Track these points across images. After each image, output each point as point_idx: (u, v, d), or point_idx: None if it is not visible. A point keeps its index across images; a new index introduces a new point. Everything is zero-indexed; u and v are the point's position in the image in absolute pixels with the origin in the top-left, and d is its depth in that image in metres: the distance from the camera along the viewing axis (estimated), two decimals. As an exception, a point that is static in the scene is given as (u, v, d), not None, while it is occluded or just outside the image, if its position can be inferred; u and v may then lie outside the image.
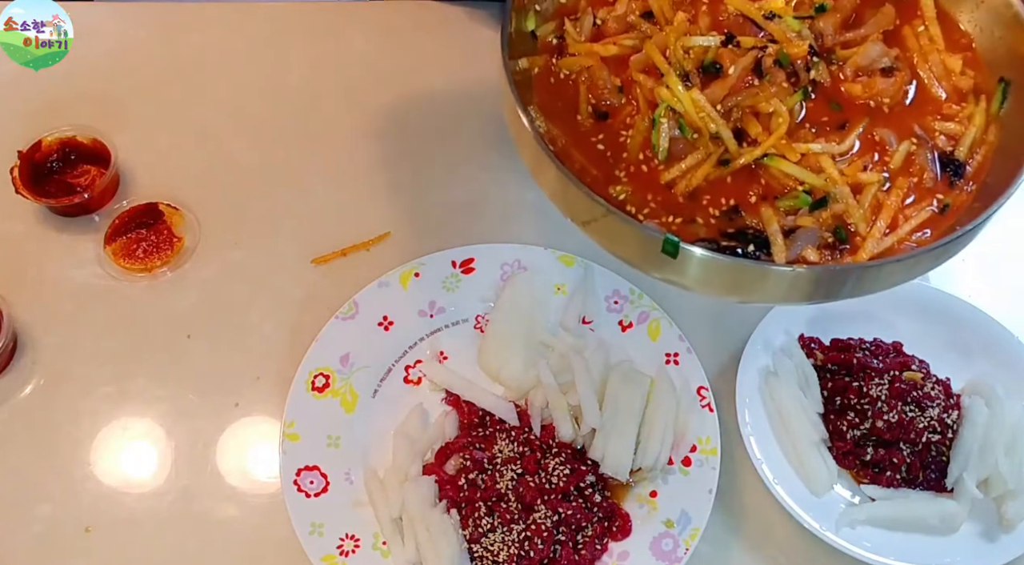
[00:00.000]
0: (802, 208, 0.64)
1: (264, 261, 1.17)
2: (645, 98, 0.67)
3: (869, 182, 0.65)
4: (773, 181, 0.65)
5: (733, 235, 0.64)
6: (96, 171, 1.20)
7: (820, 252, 0.65)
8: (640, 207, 0.66)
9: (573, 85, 0.69)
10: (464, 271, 1.13)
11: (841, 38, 0.71)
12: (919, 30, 0.72)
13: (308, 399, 1.04)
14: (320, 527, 0.97)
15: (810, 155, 0.65)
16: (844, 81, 0.69)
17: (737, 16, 0.70)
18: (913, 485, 1.01)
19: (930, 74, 0.71)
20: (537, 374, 1.05)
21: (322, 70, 1.32)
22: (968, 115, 0.70)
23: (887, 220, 0.65)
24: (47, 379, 1.09)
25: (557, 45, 0.71)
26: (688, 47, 0.67)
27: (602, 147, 0.67)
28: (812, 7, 0.70)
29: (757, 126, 0.66)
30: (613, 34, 0.71)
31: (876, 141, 0.68)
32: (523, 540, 0.95)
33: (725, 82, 0.65)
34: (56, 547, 1.00)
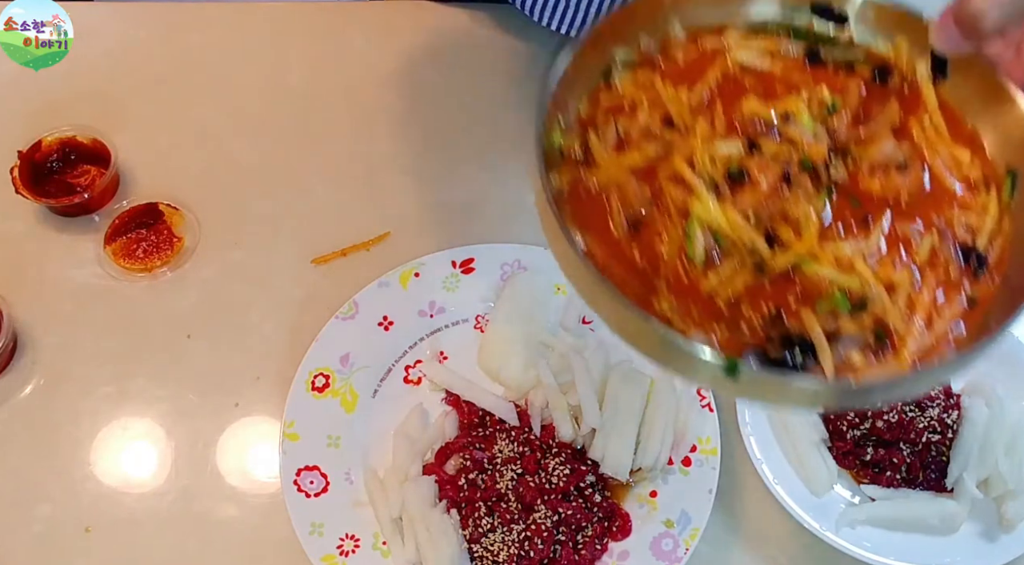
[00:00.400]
0: (843, 313, 0.66)
1: (264, 261, 1.17)
2: (676, 207, 0.68)
3: (901, 281, 0.67)
4: (809, 283, 0.66)
5: (779, 341, 0.65)
6: (96, 171, 1.20)
7: (864, 354, 0.66)
8: (684, 317, 0.66)
9: (603, 196, 0.70)
10: (464, 271, 1.13)
11: (854, 135, 0.72)
12: (924, 122, 0.74)
13: (308, 399, 1.04)
14: (320, 527, 0.97)
15: (842, 256, 0.67)
16: (862, 177, 0.70)
17: (752, 120, 0.72)
18: (913, 485, 1.01)
19: (940, 166, 0.72)
20: (537, 374, 1.05)
21: (322, 70, 1.32)
22: (983, 205, 0.72)
23: (923, 317, 0.67)
24: (47, 379, 1.09)
25: (583, 157, 0.71)
26: (714, 155, 0.68)
27: (639, 257, 0.68)
28: (823, 106, 0.72)
29: (788, 231, 0.67)
30: (636, 143, 0.72)
31: (900, 236, 0.69)
32: (523, 540, 0.95)
33: (756, 193, 0.67)
34: (56, 547, 1.00)
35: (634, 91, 0.74)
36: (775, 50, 0.76)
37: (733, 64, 0.74)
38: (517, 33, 1.33)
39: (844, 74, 0.76)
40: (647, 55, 0.76)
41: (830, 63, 0.77)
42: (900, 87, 0.76)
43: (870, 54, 0.77)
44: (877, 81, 0.76)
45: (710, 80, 0.74)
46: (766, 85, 0.74)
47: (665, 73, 0.75)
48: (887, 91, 0.76)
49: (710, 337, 0.66)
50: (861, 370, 0.65)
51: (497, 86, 1.29)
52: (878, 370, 0.65)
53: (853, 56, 0.77)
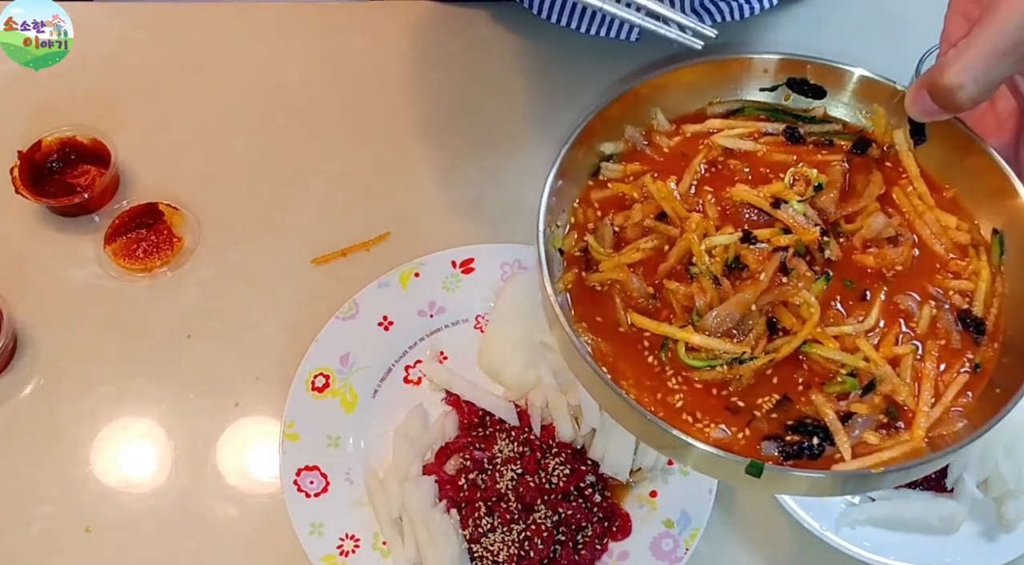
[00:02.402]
0: (852, 394, 0.67)
1: (264, 261, 1.17)
2: (680, 304, 0.69)
3: (904, 354, 0.68)
4: (816, 366, 0.68)
5: (793, 427, 0.66)
6: (96, 171, 1.20)
7: (878, 433, 0.66)
8: (695, 411, 0.67)
9: (606, 295, 0.71)
10: (464, 271, 1.13)
11: (843, 212, 0.73)
12: (908, 190, 0.75)
13: (308, 399, 1.04)
14: (320, 527, 0.97)
15: (844, 337, 0.68)
16: (855, 253, 0.71)
17: (742, 205, 0.72)
18: (913, 485, 1.01)
19: (929, 233, 0.73)
20: (537, 374, 1.05)
21: (322, 70, 1.32)
22: (975, 270, 0.72)
23: (930, 390, 0.67)
24: (47, 379, 1.09)
25: (583, 257, 0.73)
26: (711, 248, 0.69)
27: (647, 354, 0.69)
28: (809, 186, 0.73)
29: (790, 317, 0.68)
30: (633, 239, 0.73)
31: (900, 309, 0.70)
32: (523, 540, 0.95)
33: (757, 286, 0.68)
34: (56, 547, 1.00)
35: (626, 187, 0.75)
36: (756, 131, 0.78)
37: (716, 148, 0.76)
38: (518, 32, 1.33)
39: (825, 149, 0.77)
40: (633, 146, 0.77)
41: (809, 139, 0.78)
42: (880, 157, 0.77)
43: (847, 126, 0.78)
44: (857, 153, 0.77)
45: (696, 167, 0.75)
46: (751, 166, 0.76)
47: (652, 163, 0.76)
48: (868, 161, 0.77)
49: (728, 430, 0.66)
50: (877, 449, 0.65)
51: (497, 86, 1.29)
52: (895, 447, 0.65)
53: (831, 129, 0.78)
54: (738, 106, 0.79)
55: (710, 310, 0.68)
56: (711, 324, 0.68)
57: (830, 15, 1.30)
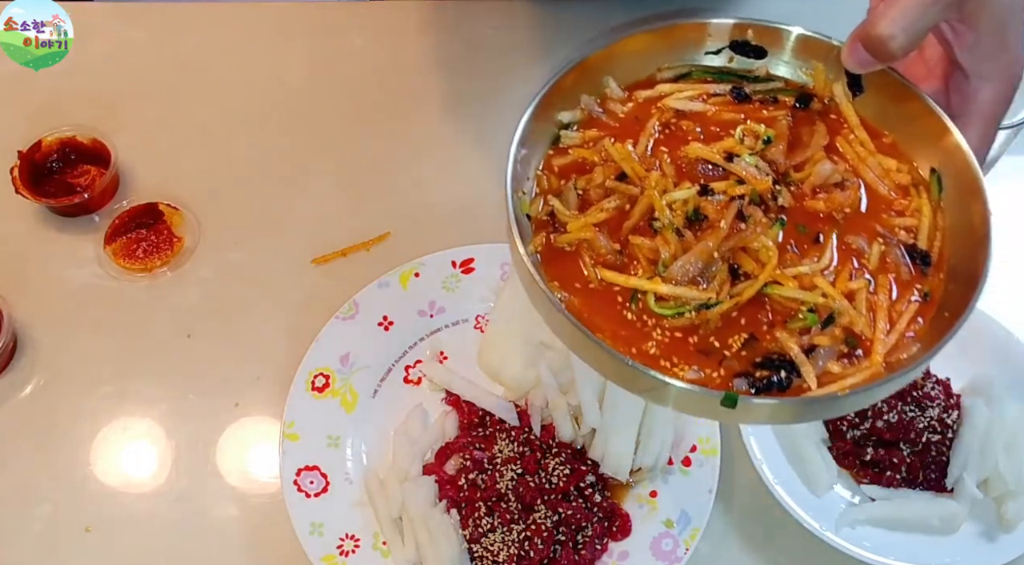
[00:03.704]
0: (814, 328, 0.71)
1: (264, 261, 1.17)
2: (645, 257, 0.73)
3: (858, 288, 0.73)
4: (777, 306, 0.72)
5: (761, 364, 0.70)
6: (96, 171, 1.20)
7: (840, 362, 0.71)
8: (670, 356, 0.71)
9: (575, 255, 0.75)
10: (464, 271, 1.13)
11: (792, 162, 0.78)
12: (850, 138, 0.80)
13: (308, 399, 1.04)
14: (320, 527, 0.97)
15: (802, 276, 0.72)
16: (805, 199, 0.76)
17: (696, 161, 0.77)
18: (913, 485, 1.01)
19: (872, 177, 0.78)
20: (537, 374, 1.05)
21: (322, 70, 1.32)
22: (917, 207, 0.78)
23: (884, 319, 0.72)
24: (47, 379, 1.09)
25: (549, 221, 0.77)
26: (671, 203, 0.74)
27: (619, 307, 0.73)
28: (758, 140, 0.78)
29: (750, 262, 0.72)
30: (596, 201, 0.77)
31: (852, 248, 0.75)
32: (523, 540, 0.95)
33: (717, 234, 0.72)
34: (56, 547, 1.00)
35: (586, 152, 0.79)
36: (704, 93, 0.82)
37: (668, 111, 0.80)
38: (517, 32, 1.33)
39: (770, 106, 0.81)
40: (589, 114, 0.81)
41: (755, 98, 0.82)
42: (822, 109, 0.81)
43: (789, 83, 0.83)
44: (800, 107, 0.81)
45: (651, 130, 0.79)
46: (703, 126, 0.80)
47: (609, 128, 0.80)
48: (811, 114, 0.81)
49: (702, 372, 0.70)
50: (840, 377, 0.69)
51: (497, 85, 1.29)
52: (857, 374, 0.69)
53: (775, 87, 0.82)
54: (686, 70, 0.83)
55: (675, 261, 0.72)
56: (677, 273, 0.72)
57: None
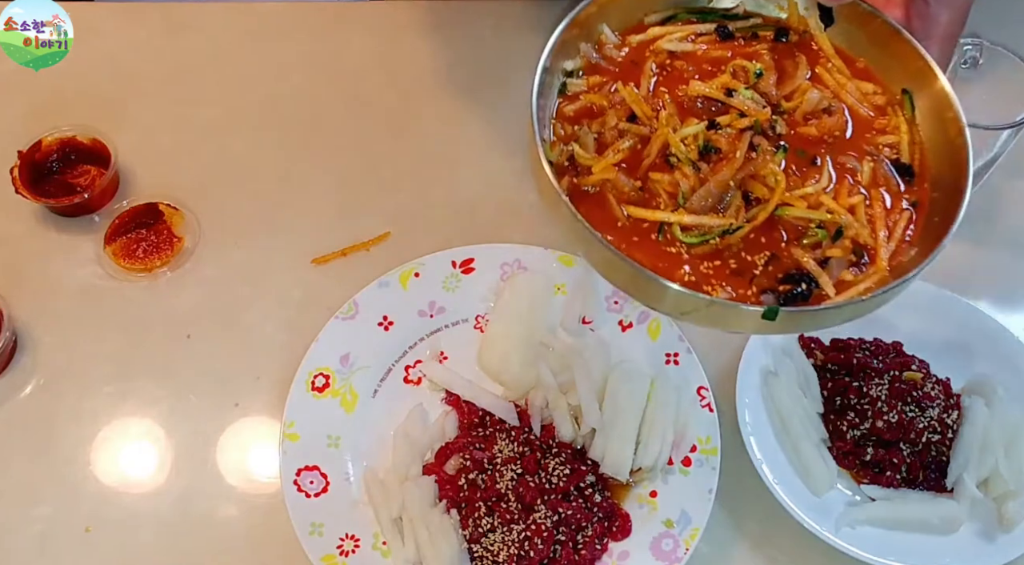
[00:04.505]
0: (824, 242, 0.77)
1: (264, 261, 1.17)
2: (666, 191, 0.78)
3: (857, 203, 0.80)
4: (788, 225, 0.78)
5: (783, 279, 0.76)
6: (96, 171, 1.20)
7: (851, 271, 0.77)
8: (702, 280, 0.77)
9: (599, 196, 0.79)
10: (464, 271, 1.13)
11: (782, 93, 0.84)
12: (828, 67, 0.87)
13: (308, 399, 1.04)
14: (320, 527, 0.97)
15: (808, 196, 0.79)
16: (798, 126, 0.83)
17: (695, 98, 0.83)
18: (913, 485, 1.01)
19: (853, 101, 0.85)
20: (537, 374, 1.05)
21: (322, 70, 1.32)
22: (895, 125, 0.84)
23: (883, 228, 0.79)
24: (47, 379, 1.09)
25: (570, 166, 0.81)
26: (683, 138, 0.79)
27: (652, 240, 0.78)
28: (751, 74, 0.84)
29: (760, 188, 0.78)
30: (610, 142, 0.81)
31: (846, 168, 0.82)
32: (523, 540, 0.95)
33: (732, 164, 0.78)
34: (56, 547, 1.00)
35: (594, 97, 0.83)
36: (691, 33, 0.87)
37: (662, 53, 0.85)
38: (517, 32, 1.33)
39: (752, 42, 0.87)
40: (588, 61, 0.86)
41: (738, 35, 0.87)
42: (799, 42, 0.87)
43: (766, 19, 0.89)
44: (779, 41, 0.87)
45: (649, 71, 0.84)
46: (695, 65, 0.85)
47: (609, 73, 0.85)
48: (789, 47, 0.87)
49: (734, 291, 0.76)
50: (854, 283, 0.76)
51: (497, 85, 1.29)
52: (867, 279, 0.76)
53: (754, 24, 0.88)
54: (671, 14, 0.88)
55: (693, 192, 0.77)
56: (697, 204, 0.77)
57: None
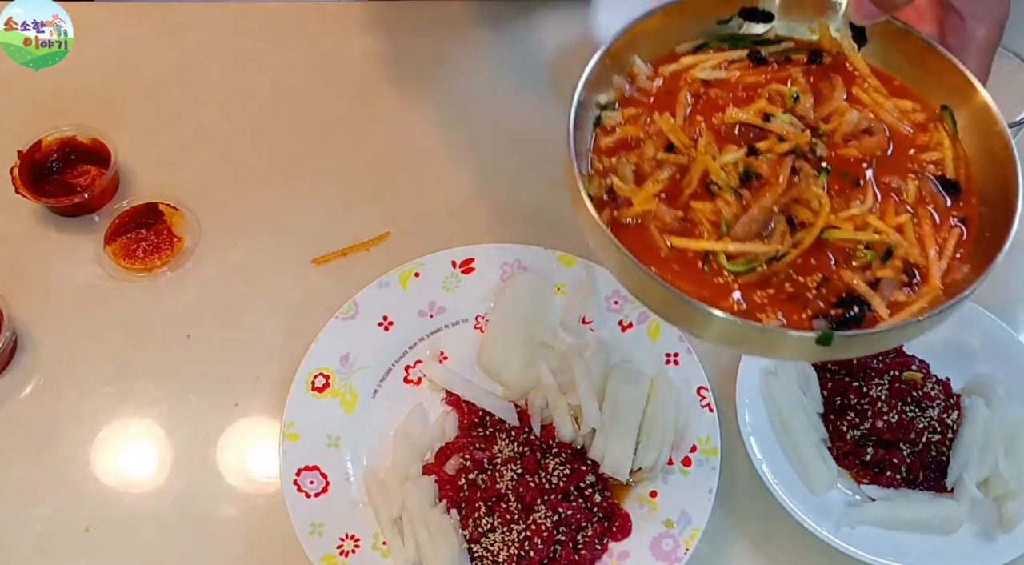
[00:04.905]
0: (874, 263, 0.76)
1: (264, 261, 1.17)
2: (708, 220, 0.77)
3: (904, 222, 0.78)
4: (837, 249, 0.77)
5: (836, 303, 0.75)
6: (96, 171, 1.20)
7: (903, 291, 0.76)
8: (754, 305, 0.75)
9: (641, 228, 0.78)
10: (464, 271, 1.13)
11: (820, 115, 0.83)
12: (864, 87, 0.85)
13: (308, 399, 1.04)
14: (320, 527, 0.97)
15: (854, 218, 0.77)
16: (838, 148, 0.81)
17: (732, 126, 0.82)
18: (913, 485, 1.01)
19: (893, 119, 0.84)
20: (537, 374, 1.05)
21: (322, 70, 1.32)
22: (938, 141, 0.83)
23: (933, 246, 0.78)
24: (47, 379, 1.09)
25: (610, 199, 0.80)
26: (723, 165, 0.78)
27: (698, 270, 0.77)
28: (787, 98, 0.82)
29: (805, 211, 0.77)
30: (649, 174, 0.80)
31: (890, 187, 0.80)
32: (523, 540, 0.95)
33: (775, 189, 0.77)
34: (56, 547, 1.00)
35: (631, 128, 0.82)
36: (724, 60, 0.86)
37: (695, 82, 0.84)
38: (517, 32, 1.33)
39: (786, 65, 0.86)
40: (622, 93, 0.85)
41: (771, 59, 0.86)
42: (833, 63, 0.86)
43: (798, 42, 0.87)
44: (813, 63, 0.86)
45: (684, 101, 0.83)
46: (730, 92, 0.84)
47: (644, 105, 0.84)
48: (824, 69, 0.86)
49: (787, 318, 0.74)
50: (907, 304, 0.75)
51: (497, 85, 1.29)
52: (921, 299, 0.75)
53: (786, 47, 0.87)
54: (702, 42, 0.87)
55: (736, 220, 0.76)
56: (741, 231, 0.76)
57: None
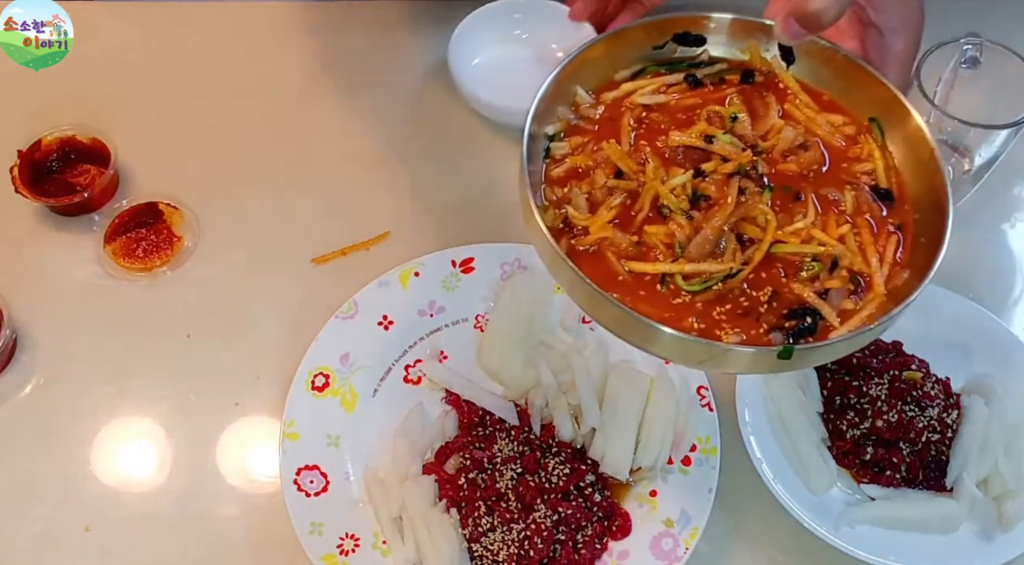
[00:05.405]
0: (822, 274, 0.79)
1: (264, 261, 1.17)
2: (662, 242, 0.80)
3: (846, 232, 0.82)
4: (786, 262, 0.80)
5: (788, 315, 0.78)
6: (96, 170, 1.20)
7: (851, 299, 0.79)
8: (712, 323, 0.78)
9: (597, 255, 0.81)
10: (464, 271, 1.13)
11: (757, 134, 0.86)
12: (796, 103, 0.89)
13: (308, 399, 1.05)
14: (320, 527, 0.97)
15: (799, 231, 0.81)
16: (777, 164, 0.84)
17: (676, 149, 0.85)
18: (913, 485, 1.01)
19: (824, 133, 0.87)
20: (537, 374, 1.05)
21: (322, 70, 1.32)
22: (869, 152, 0.87)
23: (874, 254, 0.81)
24: (47, 378, 1.09)
25: (565, 227, 0.82)
26: (672, 189, 0.81)
27: (655, 292, 0.79)
28: (726, 119, 0.86)
29: (753, 228, 0.80)
30: (601, 201, 0.83)
31: (829, 199, 0.84)
32: (523, 539, 0.95)
33: (725, 209, 0.80)
34: (56, 547, 1.00)
35: (579, 158, 0.85)
36: (662, 85, 0.89)
37: (636, 107, 0.87)
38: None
39: (721, 86, 0.89)
40: (568, 122, 0.88)
41: (706, 81, 0.89)
42: (764, 82, 0.90)
43: (730, 63, 0.91)
44: (746, 82, 0.89)
45: (627, 126, 0.86)
46: (669, 115, 0.87)
47: (589, 133, 0.87)
48: (756, 88, 0.89)
49: (745, 333, 0.77)
50: (856, 312, 0.78)
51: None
52: (867, 306, 0.78)
53: (720, 69, 0.90)
54: (639, 68, 0.90)
55: (689, 241, 0.78)
56: (695, 252, 0.78)
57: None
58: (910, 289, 0.77)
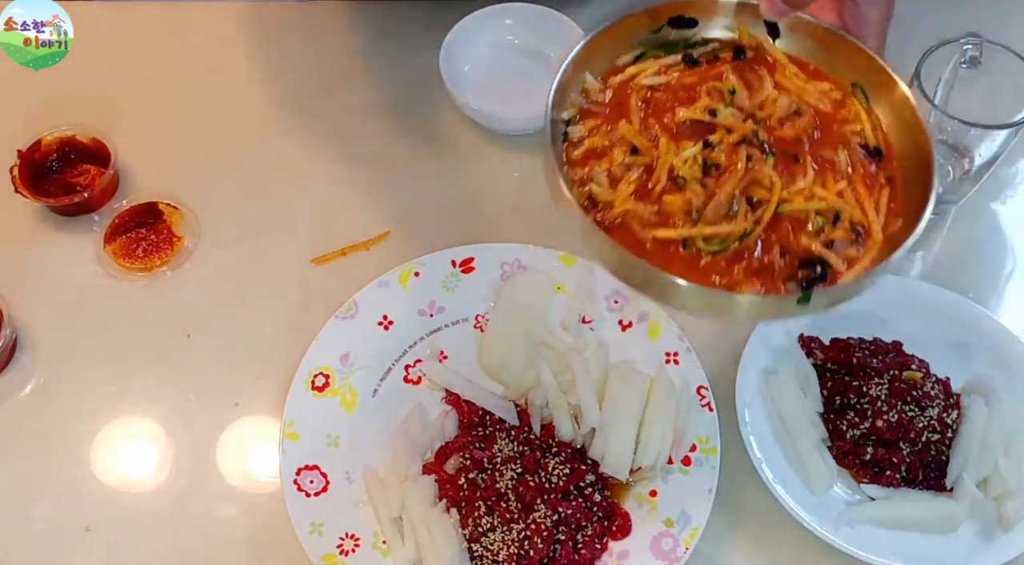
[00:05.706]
0: (826, 227, 0.85)
1: (264, 261, 1.17)
2: (680, 210, 0.85)
3: (843, 188, 0.87)
4: (793, 219, 0.85)
5: (800, 266, 0.83)
6: (96, 170, 1.20)
7: (854, 247, 0.85)
8: (735, 281, 0.83)
9: (621, 226, 0.86)
10: (464, 271, 1.13)
11: (755, 104, 0.91)
12: (785, 74, 0.94)
13: (308, 399, 1.05)
14: (320, 527, 0.97)
15: (803, 191, 0.86)
16: (775, 131, 0.89)
17: (682, 124, 0.90)
18: (913, 485, 1.01)
19: (814, 100, 0.92)
20: (537, 374, 1.05)
21: (322, 70, 1.32)
22: (855, 114, 0.92)
23: (870, 205, 0.87)
24: (47, 378, 1.09)
25: (590, 203, 0.87)
26: (684, 160, 0.86)
27: (679, 256, 0.85)
28: (725, 93, 0.91)
29: (761, 191, 0.85)
30: (620, 177, 0.88)
31: (825, 159, 0.89)
32: (523, 539, 0.95)
33: (735, 175, 0.85)
34: (56, 547, 1.00)
35: (595, 139, 0.90)
36: (662, 66, 0.93)
37: (641, 89, 0.91)
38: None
39: (716, 63, 0.94)
40: (581, 107, 0.92)
41: (702, 60, 0.94)
42: (754, 57, 0.94)
43: (722, 42, 0.96)
44: (738, 59, 0.94)
45: (635, 107, 0.90)
46: (672, 94, 0.92)
47: (601, 116, 0.91)
48: (749, 63, 0.94)
49: (764, 285, 0.83)
50: (858, 258, 0.84)
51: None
52: (869, 251, 0.85)
53: (713, 48, 0.95)
54: (640, 52, 0.95)
55: (705, 207, 0.84)
56: (711, 216, 0.83)
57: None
58: (906, 233, 0.83)
